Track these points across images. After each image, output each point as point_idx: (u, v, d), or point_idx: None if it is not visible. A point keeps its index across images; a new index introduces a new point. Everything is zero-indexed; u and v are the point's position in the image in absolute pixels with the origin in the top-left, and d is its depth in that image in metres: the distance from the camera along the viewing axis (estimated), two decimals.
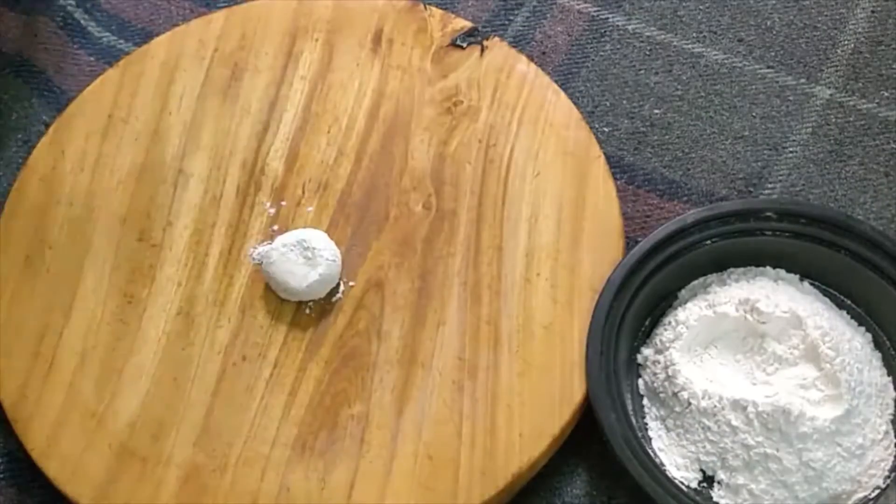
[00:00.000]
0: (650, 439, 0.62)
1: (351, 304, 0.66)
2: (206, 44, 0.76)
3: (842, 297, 0.66)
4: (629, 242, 0.68)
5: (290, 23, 0.77)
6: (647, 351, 0.65)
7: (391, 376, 0.64)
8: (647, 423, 0.63)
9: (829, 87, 0.76)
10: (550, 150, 0.71)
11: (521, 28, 0.79)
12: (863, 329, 0.65)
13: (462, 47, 0.75)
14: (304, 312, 0.66)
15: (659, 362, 0.63)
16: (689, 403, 0.61)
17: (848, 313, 0.65)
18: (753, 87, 0.76)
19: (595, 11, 0.80)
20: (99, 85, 0.75)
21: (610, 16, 0.79)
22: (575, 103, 0.73)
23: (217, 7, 0.80)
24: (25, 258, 0.68)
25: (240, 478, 0.61)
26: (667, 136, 0.74)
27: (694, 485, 0.61)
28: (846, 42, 0.78)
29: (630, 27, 0.79)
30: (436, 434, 0.62)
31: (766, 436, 0.59)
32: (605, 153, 0.71)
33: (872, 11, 0.79)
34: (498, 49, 0.75)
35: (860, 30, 0.78)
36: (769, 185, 0.72)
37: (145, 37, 0.79)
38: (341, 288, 0.67)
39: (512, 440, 0.62)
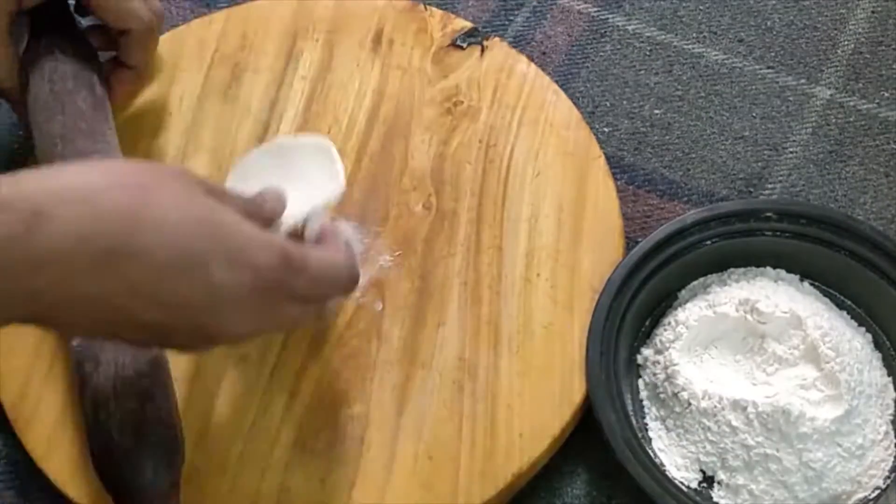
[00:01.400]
0: (650, 439, 0.62)
1: (351, 303, 0.66)
2: (207, 44, 0.76)
3: (842, 297, 0.66)
4: (629, 242, 0.68)
5: (290, 23, 0.77)
6: (647, 351, 0.65)
7: (391, 376, 0.64)
8: (647, 424, 0.63)
9: (829, 88, 0.76)
10: (550, 151, 0.71)
11: (521, 28, 0.79)
12: (863, 329, 0.65)
13: (462, 47, 0.75)
14: None
15: (659, 362, 0.63)
16: (689, 404, 0.61)
17: (848, 313, 0.65)
18: (753, 87, 0.76)
19: (595, 12, 0.80)
20: None
21: (610, 16, 0.79)
22: (575, 104, 0.73)
23: (217, 7, 0.80)
24: None
25: (240, 478, 0.61)
26: (667, 137, 0.74)
27: (694, 485, 0.61)
28: (846, 42, 0.78)
29: (630, 27, 0.79)
30: (436, 434, 0.62)
31: (766, 436, 0.59)
32: (605, 153, 0.71)
33: (872, 11, 0.79)
34: (498, 49, 0.75)
35: (860, 30, 0.78)
36: (769, 186, 0.72)
37: None
38: None
39: (512, 440, 0.62)
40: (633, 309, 0.64)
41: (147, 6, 0.70)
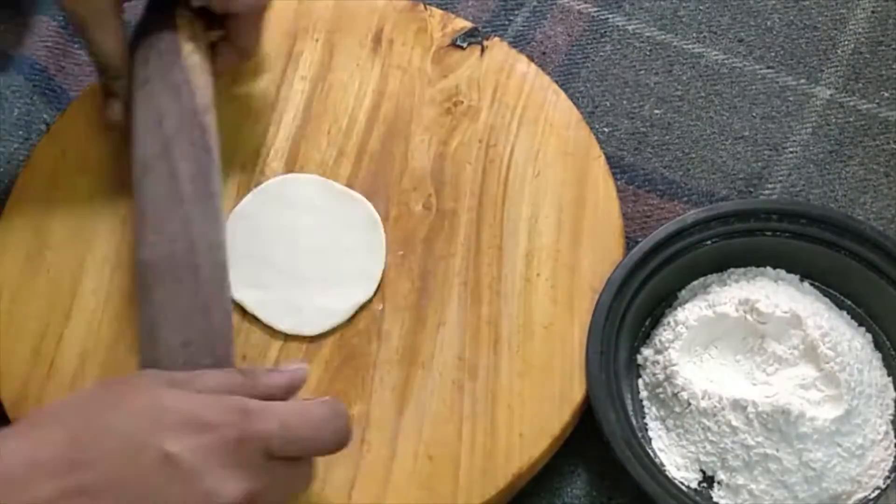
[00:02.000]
0: (650, 439, 0.62)
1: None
2: None
3: (842, 297, 0.66)
4: (629, 242, 0.68)
5: (290, 23, 0.77)
6: (646, 351, 0.65)
7: (391, 376, 0.64)
8: (647, 424, 0.63)
9: (829, 88, 0.76)
10: (550, 151, 0.71)
11: (521, 28, 0.79)
12: (863, 329, 0.65)
13: (462, 47, 0.75)
14: None
15: (659, 363, 0.63)
16: (689, 404, 0.61)
17: (848, 313, 0.65)
18: (753, 87, 0.76)
19: (595, 12, 0.80)
20: (100, 85, 0.75)
21: (610, 16, 0.79)
22: (575, 103, 0.73)
23: None
24: (25, 258, 0.68)
25: None
26: (667, 137, 0.74)
27: (694, 485, 0.61)
28: (846, 42, 0.78)
29: (630, 27, 0.79)
30: (436, 434, 0.62)
31: (766, 436, 0.59)
32: (605, 153, 0.71)
33: (872, 11, 0.79)
34: (498, 49, 0.75)
35: (860, 30, 0.78)
36: (769, 186, 0.72)
37: None
38: None
39: (512, 440, 0.62)
40: (633, 309, 0.64)
41: None
